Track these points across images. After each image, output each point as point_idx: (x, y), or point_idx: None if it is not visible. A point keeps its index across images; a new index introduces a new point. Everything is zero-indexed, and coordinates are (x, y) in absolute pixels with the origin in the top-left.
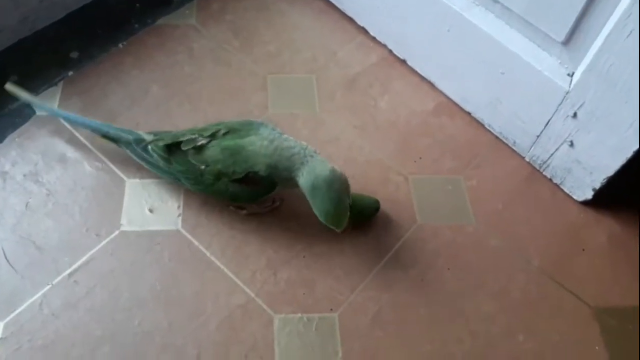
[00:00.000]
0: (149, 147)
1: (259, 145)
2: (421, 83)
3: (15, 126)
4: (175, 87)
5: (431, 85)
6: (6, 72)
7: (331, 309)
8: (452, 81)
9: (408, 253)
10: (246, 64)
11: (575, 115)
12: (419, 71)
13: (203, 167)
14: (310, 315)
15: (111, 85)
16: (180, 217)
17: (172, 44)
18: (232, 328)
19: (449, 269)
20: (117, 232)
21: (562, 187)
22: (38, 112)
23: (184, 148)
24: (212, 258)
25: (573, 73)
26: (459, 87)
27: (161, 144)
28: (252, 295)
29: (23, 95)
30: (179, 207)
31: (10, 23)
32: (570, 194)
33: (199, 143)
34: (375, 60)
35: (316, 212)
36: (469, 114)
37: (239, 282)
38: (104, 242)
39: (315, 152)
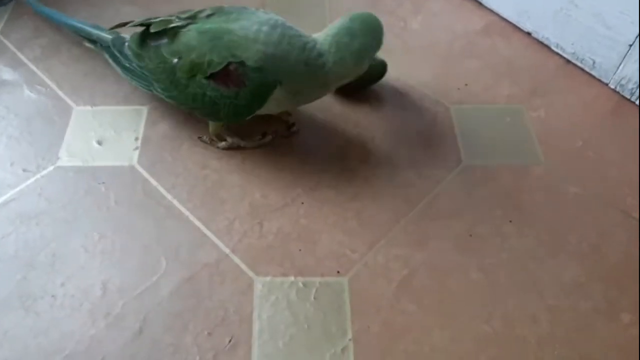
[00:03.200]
0: (126, 44)
1: (254, 31)
2: (464, 1)
3: None
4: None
5: (477, 3)
6: None
7: (338, 272)
8: None
9: (450, 200)
10: None
11: None
12: None
13: (175, 60)
14: (307, 279)
15: (74, 5)
16: (137, 151)
17: None
18: (193, 294)
19: (510, 221)
20: (51, 168)
21: None
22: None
23: (152, 30)
24: (174, 202)
25: None
26: None
27: (136, 32)
28: (227, 251)
29: None
30: (136, 139)
31: None
32: None
33: (172, 25)
34: None
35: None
36: (529, 34)
37: (208, 233)
38: (31, 180)
39: None
